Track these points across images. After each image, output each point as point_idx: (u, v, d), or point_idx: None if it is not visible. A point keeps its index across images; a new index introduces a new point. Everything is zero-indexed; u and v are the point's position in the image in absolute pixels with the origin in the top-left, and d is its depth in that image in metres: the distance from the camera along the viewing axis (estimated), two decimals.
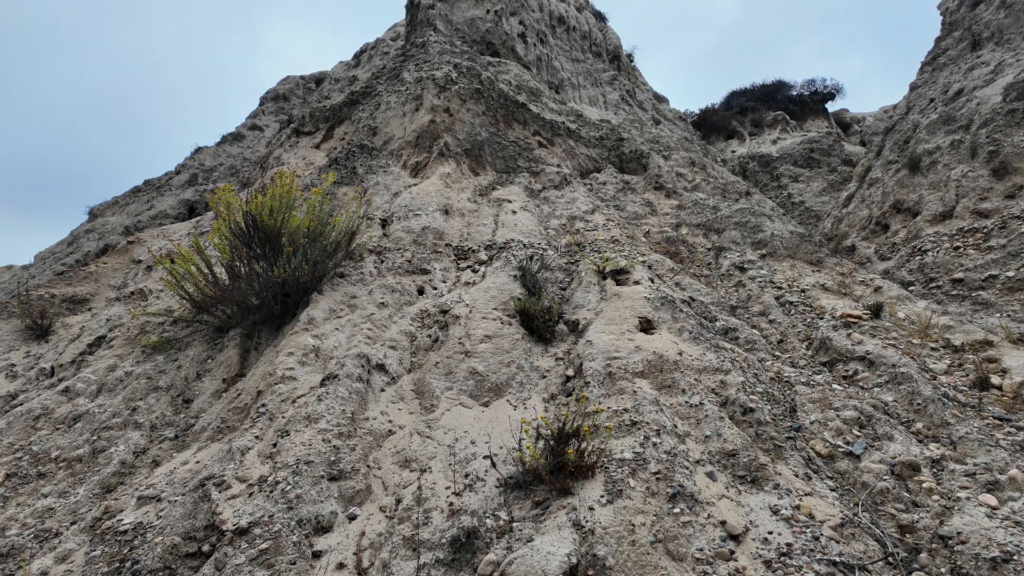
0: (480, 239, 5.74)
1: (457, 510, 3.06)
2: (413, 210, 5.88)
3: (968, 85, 8.20)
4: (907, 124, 9.02)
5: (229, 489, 3.22)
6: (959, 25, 10.06)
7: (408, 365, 4.19)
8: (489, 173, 6.89)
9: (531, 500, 3.07)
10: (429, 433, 3.66)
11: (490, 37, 9.88)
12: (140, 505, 3.35)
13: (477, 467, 3.35)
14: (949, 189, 6.88)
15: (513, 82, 8.73)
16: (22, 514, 3.56)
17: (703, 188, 8.33)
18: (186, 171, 11.95)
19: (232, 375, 4.32)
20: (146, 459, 3.85)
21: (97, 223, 10.58)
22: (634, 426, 3.32)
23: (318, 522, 3.04)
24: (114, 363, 4.55)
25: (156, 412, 4.11)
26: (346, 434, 3.48)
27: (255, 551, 2.83)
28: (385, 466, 3.44)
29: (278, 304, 4.54)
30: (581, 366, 3.96)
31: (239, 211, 4.47)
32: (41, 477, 3.80)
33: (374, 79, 9.07)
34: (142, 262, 6.09)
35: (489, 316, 4.49)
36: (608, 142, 8.51)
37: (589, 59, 11.50)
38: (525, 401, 3.89)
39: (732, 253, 6.39)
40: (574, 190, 7.09)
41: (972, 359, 4.16)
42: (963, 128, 7.43)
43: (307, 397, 3.66)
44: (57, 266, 8.75)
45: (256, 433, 3.50)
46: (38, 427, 4.09)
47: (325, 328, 4.26)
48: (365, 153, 7.05)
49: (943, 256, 6.07)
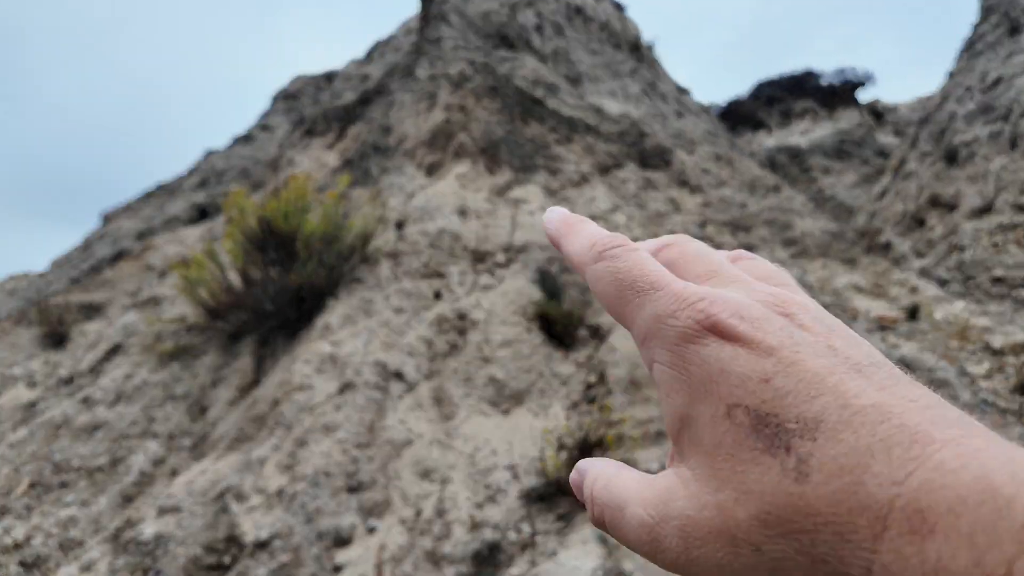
0: (497, 241, 5.64)
1: (479, 523, 2.99)
2: (429, 212, 5.80)
3: (1007, 72, 7.86)
4: (943, 114, 8.69)
5: (248, 501, 3.19)
6: (996, 9, 9.67)
7: (426, 372, 4.13)
8: (505, 172, 6.78)
9: (554, 513, 3.01)
10: (448, 442, 3.59)
11: (505, 30, 9.74)
12: (160, 515, 3.35)
13: (498, 478, 3.28)
14: (988, 182, 6.60)
15: (529, 77, 8.59)
16: (46, 523, 3.58)
17: (730, 184, 8.13)
18: (197, 174, 12.03)
19: (247, 383, 4.29)
20: (164, 468, 3.85)
21: (111, 228, 10.70)
22: (660, 436, 3.23)
23: (338, 534, 3.00)
24: (131, 371, 4.56)
25: (173, 421, 4.11)
26: (364, 444, 3.43)
27: (275, 564, 2.80)
28: (404, 476, 3.39)
29: (293, 310, 4.50)
30: (604, 373, 3.86)
31: (253, 215, 4.43)
32: (63, 486, 3.81)
33: (387, 77, 8.99)
34: (156, 268, 6.11)
35: (508, 321, 4.41)
36: (629, 137, 8.34)
37: (608, 50, 11.29)
38: (546, 409, 3.81)
39: (762, 252, 6.22)
40: (594, 188, 6.95)
41: (1013, 362, 3.98)
42: (1002, 118, 7.13)
43: (324, 406, 3.62)
44: (72, 272, 8.86)
45: (274, 443, 3.47)
46: (59, 436, 4.11)
47: (341, 335, 4.21)
48: (379, 153, 6.98)
49: (982, 253, 5.82)
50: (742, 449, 0.22)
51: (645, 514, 0.25)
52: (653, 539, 0.24)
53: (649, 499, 0.25)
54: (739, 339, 0.24)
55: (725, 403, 0.23)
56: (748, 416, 0.23)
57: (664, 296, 0.26)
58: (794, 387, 0.22)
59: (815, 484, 0.20)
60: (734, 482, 0.22)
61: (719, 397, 0.23)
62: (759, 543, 0.21)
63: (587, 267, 0.30)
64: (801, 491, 0.21)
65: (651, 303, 0.26)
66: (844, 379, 0.22)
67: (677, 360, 0.25)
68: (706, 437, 0.24)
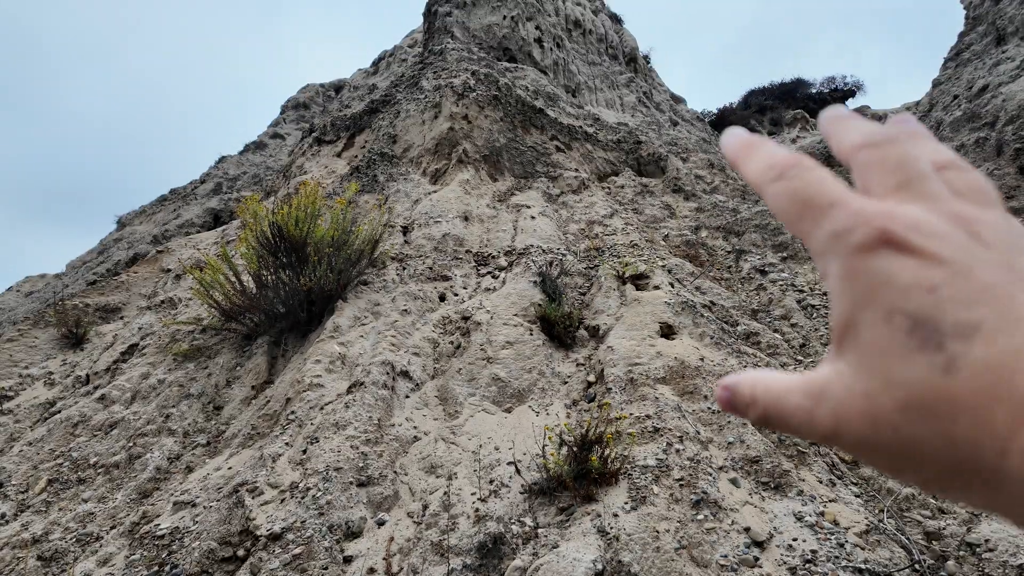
0: (500, 245, 5.80)
1: (483, 516, 3.11)
2: (433, 217, 5.96)
3: (993, 81, 8.05)
4: (930, 121, 8.88)
5: (262, 495, 3.31)
6: (983, 20, 9.88)
7: (431, 371, 4.26)
8: (507, 179, 6.95)
9: (555, 506, 3.11)
10: (453, 439, 3.72)
11: (507, 43, 9.95)
12: (176, 510, 3.46)
13: (501, 473, 3.40)
14: None
15: (530, 87, 8.78)
16: (64, 518, 3.69)
17: (722, 190, 8.30)
18: (211, 180, 12.21)
19: (261, 382, 4.43)
20: (180, 465, 3.97)
21: (125, 232, 10.86)
22: (657, 433, 3.34)
23: (348, 528, 3.12)
24: (147, 371, 4.69)
25: (188, 419, 4.24)
26: (373, 440, 3.56)
27: (289, 556, 2.91)
28: (411, 472, 3.51)
29: (304, 312, 4.64)
30: (602, 372, 3.99)
31: (266, 221, 4.58)
32: (81, 483, 3.94)
33: (393, 87, 9.18)
34: (171, 271, 6.26)
35: (510, 322, 4.55)
36: (626, 145, 8.52)
37: (606, 62, 11.50)
38: (547, 407, 3.94)
39: (753, 256, 6.37)
40: (592, 194, 7.12)
41: None
42: (988, 125, 7.31)
43: (335, 404, 3.75)
44: (88, 275, 9.01)
45: (286, 440, 3.60)
46: (77, 434, 4.24)
47: (350, 335, 4.35)
48: (385, 161, 7.15)
49: None
50: (894, 346, 0.24)
51: (805, 399, 0.27)
52: (810, 419, 0.27)
53: (808, 388, 0.27)
54: (912, 250, 0.25)
55: (886, 309, 0.24)
56: (906, 320, 0.24)
57: (842, 213, 0.27)
58: (959, 295, 0.23)
59: (962, 379, 0.22)
60: (883, 374, 0.24)
61: (881, 304, 0.25)
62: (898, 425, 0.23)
63: (766, 187, 0.30)
64: (947, 383, 0.22)
65: (829, 220, 0.27)
66: (1015, 292, 0.23)
67: (849, 271, 0.26)
68: (864, 337, 0.25)
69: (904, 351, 0.23)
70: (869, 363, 0.25)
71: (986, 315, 0.22)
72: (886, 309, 0.24)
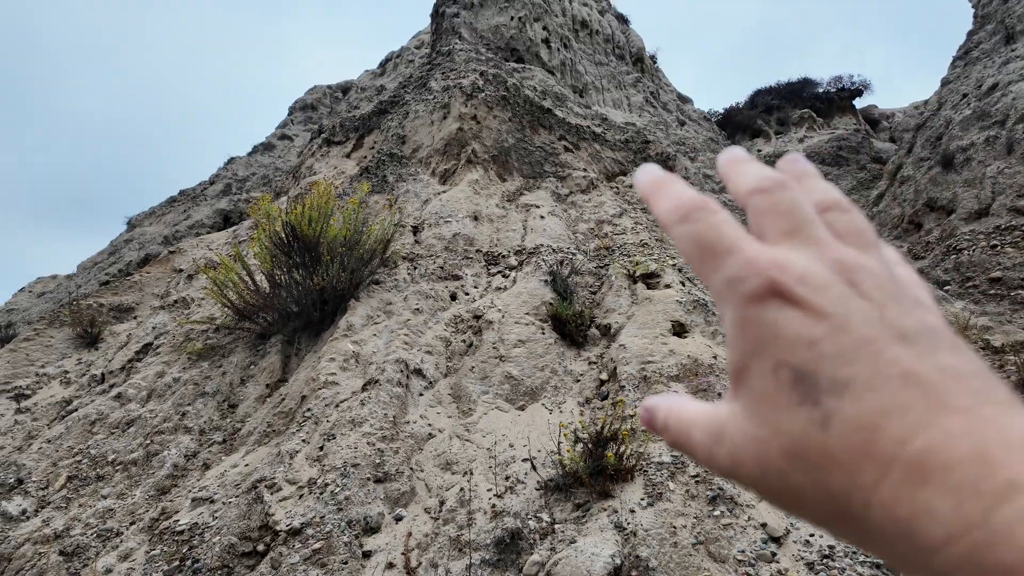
0: (510, 244, 5.83)
1: (500, 512, 3.13)
2: (443, 217, 5.99)
3: (1003, 80, 8.04)
4: (939, 120, 8.86)
5: (280, 491, 3.34)
6: (992, 18, 9.85)
7: (444, 370, 4.29)
8: (516, 179, 6.98)
9: (572, 502, 3.13)
10: (468, 436, 3.75)
11: (514, 43, 9.98)
12: (195, 506, 3.50)
13: (517, 469, 3.43)
14: (984, 186, 6.75)
15: (538, 87, 8.81)
16: (84, 514, 3.73)
17: None
18: (220, 181, 12.29)
19: (275, 380, 4.47)
20: (197, 462, 4.01)
21: (136, 233, 10.95)
22: None
23: (366, 523, 3.15)
24: (162, 369, 4.73)
25: (204, 417, 4.28)
26: (389, 437, 3.59)
27: (309, 551, 2.95)
28: (427, 469, 3.54)
29: (317, 311, 4.68)
30: (615, 370, 4.01)
31: (279, 221, 4.62)
32: (100, 479, 3.98)
33: (401, 88, 9.22)
34: (183, 271, 6.31)
35: (522, 321, 4.57)
36: (634, 145, 8.54)
37: (612, 62, 11.53)
38: (560, 405, 3.96)
39: None
40: (601, 194, 7.14)
41: (1014, 360, 4.10)
42: (998, 124, 7.29)
43: (350, 401, 3.78)
44: (100, 275, 9.09)
45: (303, 437, 3.63)
46: (94, 431, 4.29)
47: (364, 334, 4.38)
48: (395, 161, 7.19)
49: (979, 255, 5.96)
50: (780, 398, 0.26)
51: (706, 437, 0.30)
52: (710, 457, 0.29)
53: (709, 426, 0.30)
54: (798, 303, 0.26)
55: (774, 360, 0.26)
56: (790, 373, 0.26)
57: (736, 260, 0.28)
58: (835, 351, 0.25)
59: (835, 435, 0.24)
60: (771, 423, 0.26)
61: (770, 355, 0.26)
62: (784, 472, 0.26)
63: (672, 228, 0.32)
64: (822, 438, 0.24)
65: (725, 267, 0.29)
66: (883, 348, 0.25)
67: (741, 319, 0.28)
68: (755, 385, 0.27)
69: (788, 404, 0.25)
70: (759, 410, 0.27)
71: (857, 372, 0.24)
72: (774, 360, 0.26)
